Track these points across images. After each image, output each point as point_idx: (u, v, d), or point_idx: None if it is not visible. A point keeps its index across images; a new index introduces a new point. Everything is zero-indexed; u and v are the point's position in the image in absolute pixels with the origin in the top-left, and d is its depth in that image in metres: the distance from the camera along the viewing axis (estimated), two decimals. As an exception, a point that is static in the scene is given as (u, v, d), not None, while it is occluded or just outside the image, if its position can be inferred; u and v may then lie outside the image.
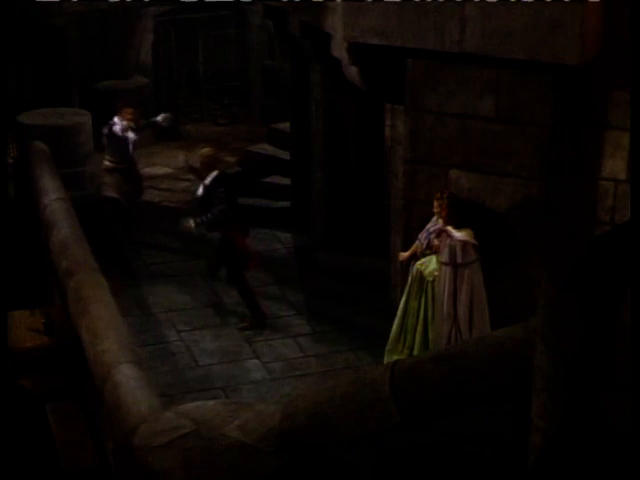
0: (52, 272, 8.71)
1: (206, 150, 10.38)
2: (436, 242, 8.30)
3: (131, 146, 11.79)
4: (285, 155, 13.00)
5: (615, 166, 7.73)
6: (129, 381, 6.33)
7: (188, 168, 11.76)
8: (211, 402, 6.08)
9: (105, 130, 11.71)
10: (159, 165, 13.58)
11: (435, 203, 8.23)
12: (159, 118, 11.94)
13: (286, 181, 12.74)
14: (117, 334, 6.98)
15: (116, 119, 11.73)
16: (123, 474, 6.05)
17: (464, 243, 8.05)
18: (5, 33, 11.76)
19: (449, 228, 8.11)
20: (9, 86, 12.94)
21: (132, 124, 11.70)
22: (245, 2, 15.28)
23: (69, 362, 7.69)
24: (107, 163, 11.83)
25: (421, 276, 8.44)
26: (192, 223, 10.14)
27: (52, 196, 9.67)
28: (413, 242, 8.55)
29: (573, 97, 7.78)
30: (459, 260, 8.05)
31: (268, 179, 13.07)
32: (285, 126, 13.11)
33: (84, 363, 7.06)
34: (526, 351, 4.50)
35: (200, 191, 10.18)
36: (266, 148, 13.72)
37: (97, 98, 14.80)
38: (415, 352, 8.47)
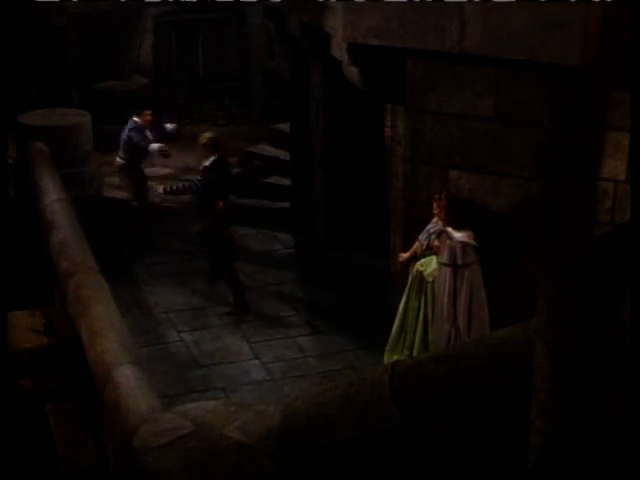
0: (52, 272, 8.71)
1: (208, 133, 10.69)
2: (436, 243, 8.30)
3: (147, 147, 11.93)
4: (285, 155, 13.00)
5: (615, 167, 7.70)
6: (129, 381, 6.33)
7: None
8: (211, 402, 6.08)
9: (131, 126, 11.77)
10: (159, 165, 13.56)
11: (434, 204, 8.23)
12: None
13: (286, 181, 12.74)
14: (117, 334, 6.98)
15: (136, 119, 11.83)
16: (123, 474, 6.04)
17: (464, 244, 8.05)
18: (5, 33, 11.75)
19: (449, 229, 8.12)
20: (9, 87, 12.92)
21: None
22: (245, 2, 15.31)
23: (69, 362, 7.70)
24: (120, 161, 11.90)
25: (421, 276, 8.44)
26: (161, 190, 10.73)
27: (52, 196, 9.66)
28: (413, 242, 8.55)
29: (573, 97, 7.77)
30: (459, 261, 8.05)
31: (268, 179, 13.07)
32: (285, 126, 13.10)
33: (84, 363, 7.06)
34: (526, 351, 4.50)
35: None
36: (266, 148, 13.72)
37: (97, 98, 14.81)
38: (415, 352, 8.47)
